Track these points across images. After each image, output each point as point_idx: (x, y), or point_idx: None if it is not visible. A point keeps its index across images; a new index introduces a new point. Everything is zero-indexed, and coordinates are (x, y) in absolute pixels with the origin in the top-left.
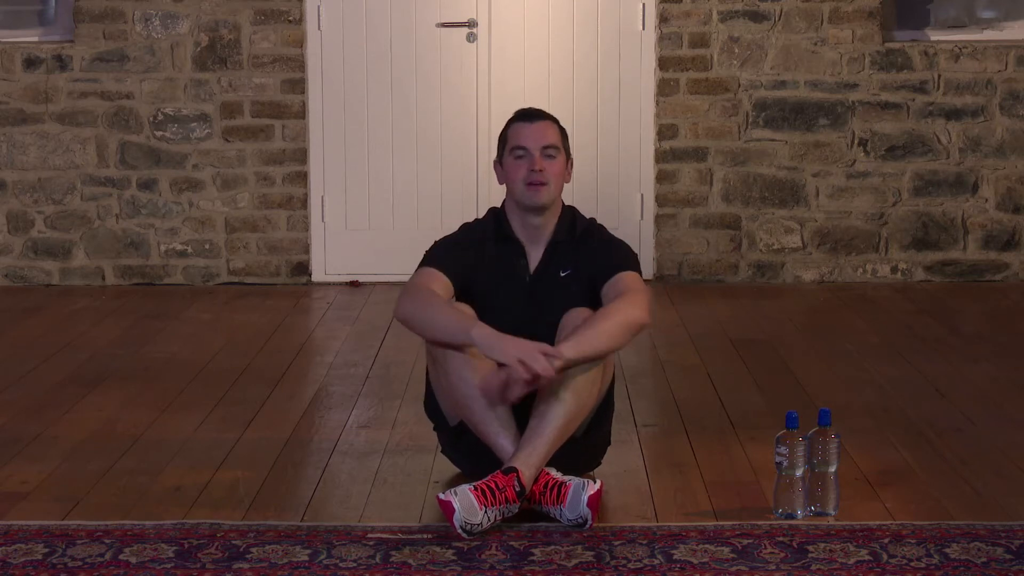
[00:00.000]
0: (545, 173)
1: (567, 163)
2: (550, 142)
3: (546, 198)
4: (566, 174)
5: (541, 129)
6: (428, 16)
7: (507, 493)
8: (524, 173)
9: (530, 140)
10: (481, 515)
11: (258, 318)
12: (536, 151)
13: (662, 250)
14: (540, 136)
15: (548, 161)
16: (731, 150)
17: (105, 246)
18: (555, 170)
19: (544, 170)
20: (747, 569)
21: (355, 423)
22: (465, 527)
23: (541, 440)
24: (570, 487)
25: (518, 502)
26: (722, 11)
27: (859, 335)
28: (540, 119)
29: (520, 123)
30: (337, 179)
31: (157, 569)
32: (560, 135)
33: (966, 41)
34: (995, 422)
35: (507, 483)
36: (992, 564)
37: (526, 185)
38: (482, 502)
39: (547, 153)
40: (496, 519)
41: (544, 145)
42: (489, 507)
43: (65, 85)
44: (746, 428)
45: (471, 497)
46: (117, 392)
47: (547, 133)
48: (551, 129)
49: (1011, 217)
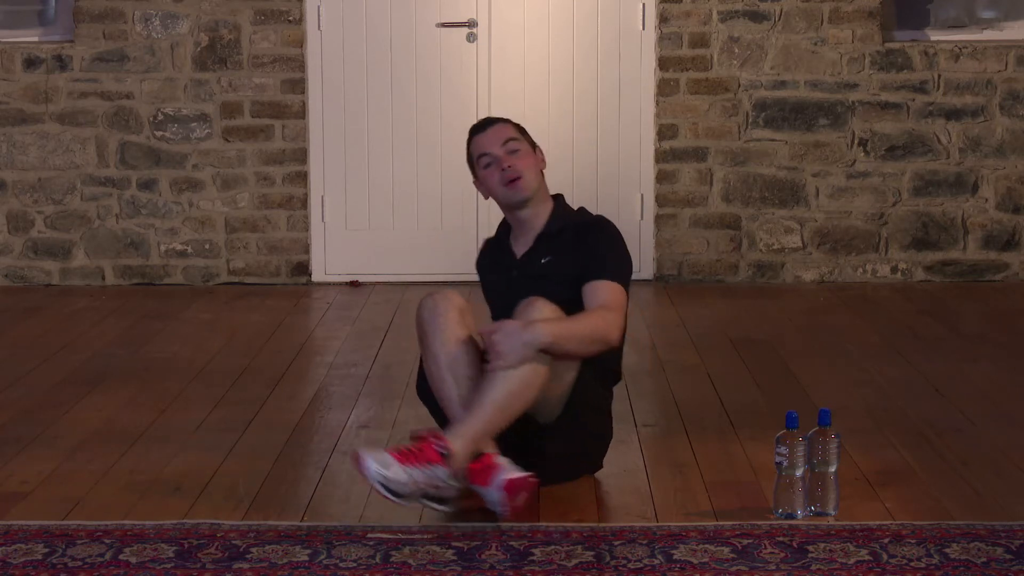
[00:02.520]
0: (515, 167)
1: (535, 151)
2: (508, 136)
3: (526, 189)
4: (539, 161)
5: (495, 132)
6: (428, 16)
7: (428, 454)
8: (498, 175)
9: (489, 145)
10: (398, 470)
11: (258, 318)
12: (499, 151)
13: (662, 250)
14: (496, 137)
15: (514, 156)
16: (731, 150)
17: (105, 246)
18: (525, 162)
19: (512, 165)
20: (747, 569)
21: (355, 423)
22: (384, 482)
23: (476, 412)
24: (497, 469)
25: (443, 464)
26: (722, 11)
27: (859, 335)
28: (491, 125)
29: (476, 136)
30: (337, 179)
31: (157, 569)
32: (517, 129)
33: (966, 41)
34: (995, 422)
35: (429, 444)
36: (992, 564)
37: (504, 185)
38: (399, 459)
39: (510, 148)
40: (423, 484)
41: (504, 141)
42: (407, 464)
43: (65, 85)
44: (746, 428)
45: (387, 455)
46: (117, 392)
47: (502, 132)
48: (505, 128)
49: (1011, 217)
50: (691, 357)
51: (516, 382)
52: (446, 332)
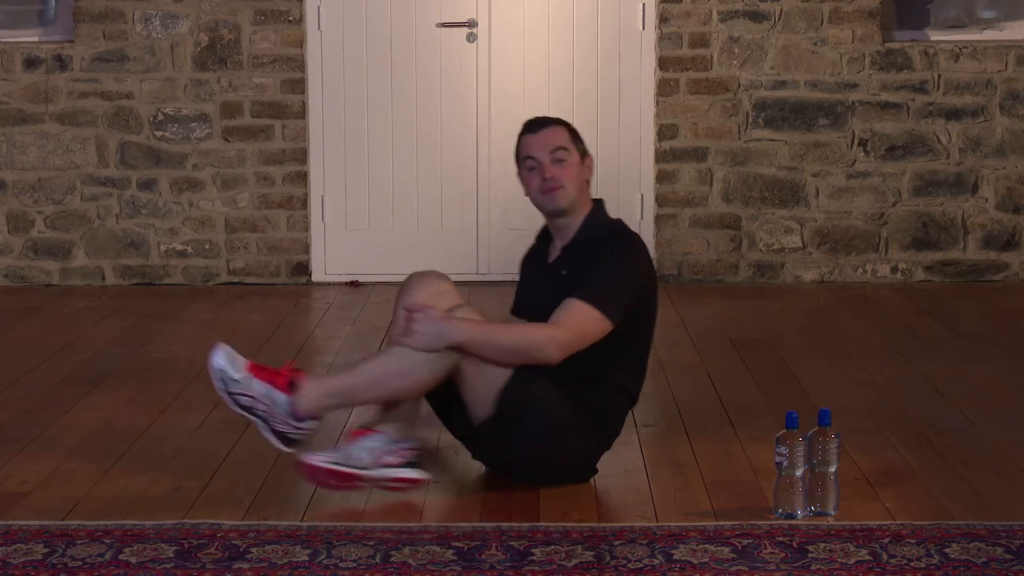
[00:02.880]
0: (557, 177)
1: (583, 160)
2: (558, 144)
3: (564, 201)
4: (584, 171)
5: (547, 136)
6: (428, 16)
7: (279, 379)
8: (538, 183)
9: (538, 149)
10: (243, 376)
11: (258, 318)
12: (545, 159)
13: (662, 250)
14: (547, 142)
15: (559, 166)
16: (731, 150)
17: (105, 246)
18: (568, 172)
19: (554, 176)
20: (747, 569)
21: (355, 423)
22: (222, 377)
23: (348, 372)
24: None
25: (286, 392)
26: (722, 11)
27: (859, 335)
28: (545, 127)
29: (527, 135)
30: (337, 179)
31: (157, 569)
32: (570, 136)
33: (966, 41)
34: (995, 422)
35: (285, 371)
36: (992, 564)
37: (542, 193)
38: (250, 366)
39: (557, 157)
40: (258, 399)
41: (552, 149)
42: (254, 376)
43: (65, 85)
44: (746, 428)
45: (241, 357)
46: (117, 392)
47: (553, 138)
48: (557, 133)
49: (1011, 217)
50: (691, 357)
51: (396, 363)
52: (406, 303)
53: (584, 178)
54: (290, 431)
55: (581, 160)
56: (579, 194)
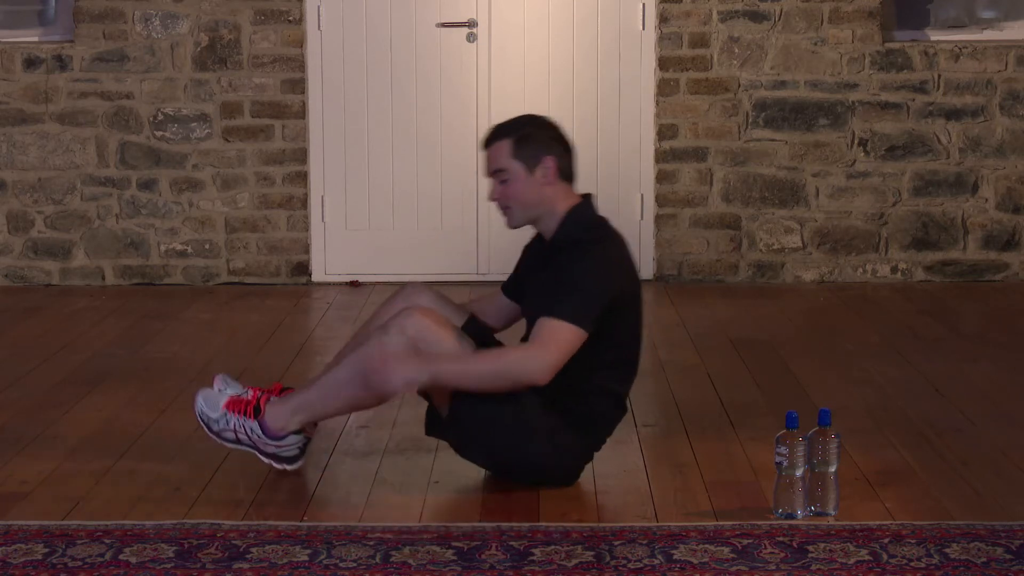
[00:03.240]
0: (502, 199)
1: (534, 169)
2: (496, 167)
3: (513, 221)
4: (534, 180)
5: (489, 156)
6: (428, 16)
7: (248, 407)
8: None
9: (486, 168)
10: (220, 414)
11: (258, 318)
12: (491, 177)
13: (662, 250)
14: (488, 164)
15: (501, 187)
16: (731, 150)
17: (105, 246)
18: (511, 191)
19: (499, 198)
20: (747, 569)
21: (355, 423)
22: (203, 420)
23: (305, 389)
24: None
25: (252, 418)
26: (722, 11)
27: (859, 335)
28: (488, 145)
29: (482, 152)
30: (337, 179)
31: (157, 569)
32: (511, 150)
33: (966, 41)
34: (995, 422)
35: (253, 400)
36: (992, 564)
37: (500, 211)
38: (226, 403)
39: (499, 179)
40: (240, 435)
41: (492, 171)
42: (230, 412)
43: (65, 85)
44: (746, 428)
45: (221, 397)
46: (117, 392)
47: (493, 158)
48: (497, 152)
49: (1011, 217)
50: (691, 357)
51: (346, 373)
52: (379, 318)
53: (539, 186)
54: (278, 451)
55: (530, 170)
56: (535, 206)
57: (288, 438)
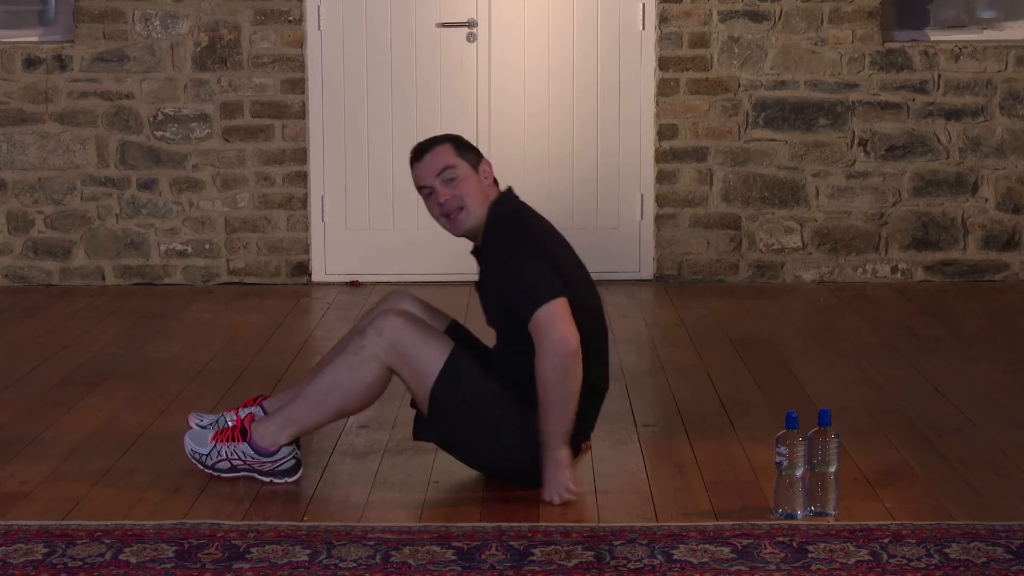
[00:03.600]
0: (455, 198)
1: (476, 168)
2: (443, 164)
3: (468, 221)
4: (480, 179)
5: (431, 160)
6: (428, 16)
7: (235, 433)
8: (436, 209)
9: (427, 176)
10: (210, 448)
11: (258, 318)
12: (436, 183)
13: (662, 250)
14: (433, 166)
15: (451, 186)
16: (731, 150)
17: (105, 246)
18: (464, 188)
19: (450, 198)
20: (747, 569)
21: (355, 423)
22: (195, 458)
23: (289, 404)
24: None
25: (242, 442)
26: (722, 11)
27: (859, 335)
28: (428, 151)
29: (414, 166)
30: (337, 179)
31: (157, 569)
32: (454, 150)
33: (966, 41)
34: (995, 422)
35: (237, 424)
36: (992, 564)
37: (444, 218)
38: (213, 436)
39: (446, 177)
40: (235, 462)
41: (439, 171)
42: (219, 443)
43: (65, 85)
44: (746, 428)
45: (207, 432)
46: (117, 392)
47: (438, 160)
48: (441, 153)
49: (1011, 217)
50: (691, 357)
51: (326, 382)
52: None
53: (484, 186)
54: (275, 466)
55: (475, 169)
56: (483, 204)
57: (280, 451)
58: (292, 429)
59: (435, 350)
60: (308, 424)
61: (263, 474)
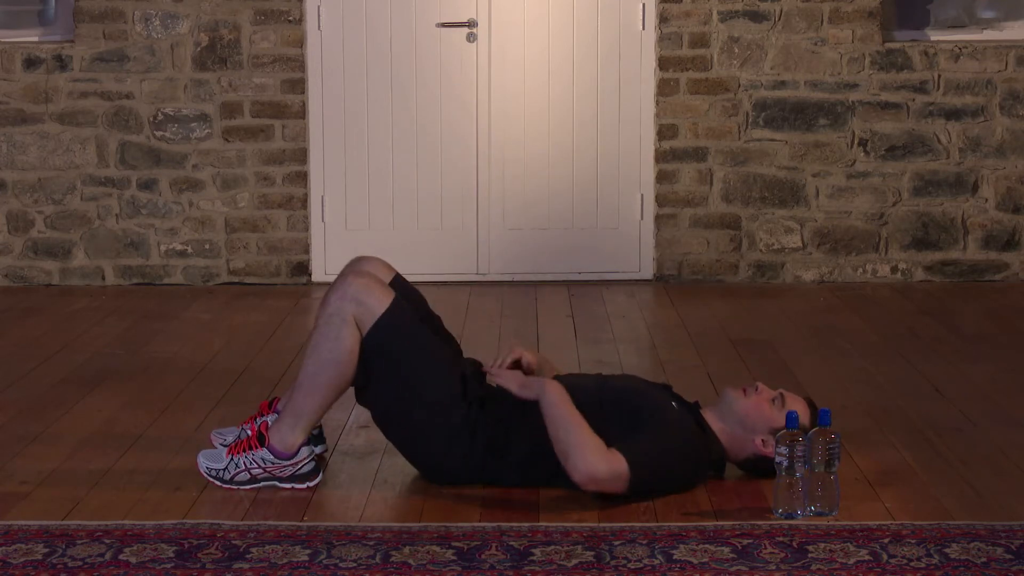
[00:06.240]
0: None
1: None
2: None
3: None
4: None
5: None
6: (428, 16)
7: (252, 441)
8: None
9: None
10: (227, 462)
11: (258, 318)
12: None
13: (662, 250)
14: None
15: None
16: (731, 150)
17: (105, 246)
18: None
19: None
20: (747, 569)
21: (355, 423)
22: (212, 475)
23: (291, 400)
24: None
25: (260, 448)
26: (722, 11)
27: (859, 335)
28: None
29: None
30: (337, 179)
31: (157, 569)
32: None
33: (966, 41)
34: (995, 422)
35: (253, 431)
36: (992, 564)
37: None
38: (228, 450)
39: None
40: (254, 472)
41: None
42: (235, 455)
43: (65, 85)
44: None
45: (221, 449)
46: (117, 392)
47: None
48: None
49: (1011, 217)
50: (691, 357)
51: (312, 363)
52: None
53: None
54: (296, 470)
55: None
56: None
57: (300, 452)
58: (302, 423)
59: (384, 298)
60: (312, 410)
61: (283, 480)
